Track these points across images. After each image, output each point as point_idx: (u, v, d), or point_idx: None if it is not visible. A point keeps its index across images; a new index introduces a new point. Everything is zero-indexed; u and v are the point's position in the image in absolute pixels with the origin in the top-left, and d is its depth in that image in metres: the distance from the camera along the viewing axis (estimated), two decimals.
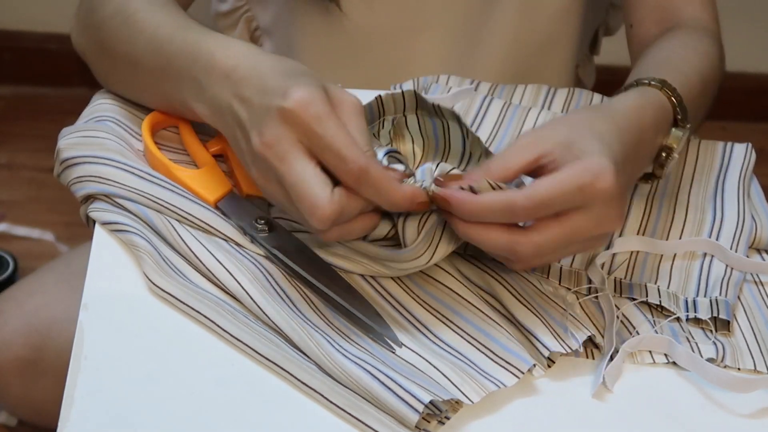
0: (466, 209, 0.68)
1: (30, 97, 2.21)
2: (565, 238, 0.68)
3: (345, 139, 0.67)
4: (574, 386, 0.70)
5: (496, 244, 0.69)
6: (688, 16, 0.98)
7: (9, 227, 1.90)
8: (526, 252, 0.68)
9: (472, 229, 0.69)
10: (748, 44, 2.27)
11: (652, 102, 0.80)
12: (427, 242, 0.71)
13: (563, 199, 0.68)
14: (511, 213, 0.67)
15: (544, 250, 0.69)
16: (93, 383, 0.65)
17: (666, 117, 0.81)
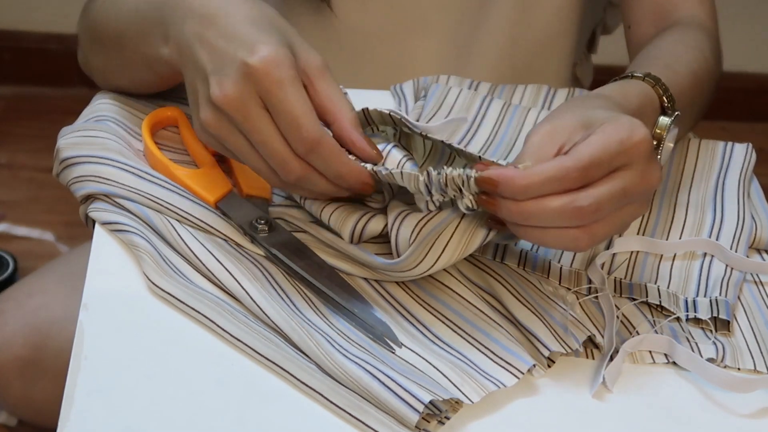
0: (518, 184, 0.67)
1: (30, 97, 2.21)
2: (620, 192, 0.68)
3: (303, 107, 0.68)
4: (574, 386, 0.70)
5: (555, 207, 0.67)
6: (684, 15, 0.98)
7: (9, 227, 1.90)
8: (588, 207, 0.67)
9: (528, 205, 0.67)
10: (748, 44, 2.27)
11: (634, 89, 0.80)
12: (424, 251, 0.71)
13: (610, 156, 0.67)
14: (564, 177, 0.66)
15: (604, 206, 0.67)
16: (93, 383, 0.65)
17: (651, 103, 0.80)
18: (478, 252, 0.79)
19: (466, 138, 0.90)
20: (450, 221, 0.70)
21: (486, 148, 0.90)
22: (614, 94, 0.77)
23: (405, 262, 0.71)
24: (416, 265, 0.71)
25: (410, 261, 0.71)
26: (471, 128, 0.91)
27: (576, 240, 0.69)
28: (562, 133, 0.70)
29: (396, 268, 0.71)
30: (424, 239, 0.70)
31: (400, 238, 0.71)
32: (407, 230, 0.71)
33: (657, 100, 0.81)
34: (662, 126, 0.80)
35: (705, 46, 0.93)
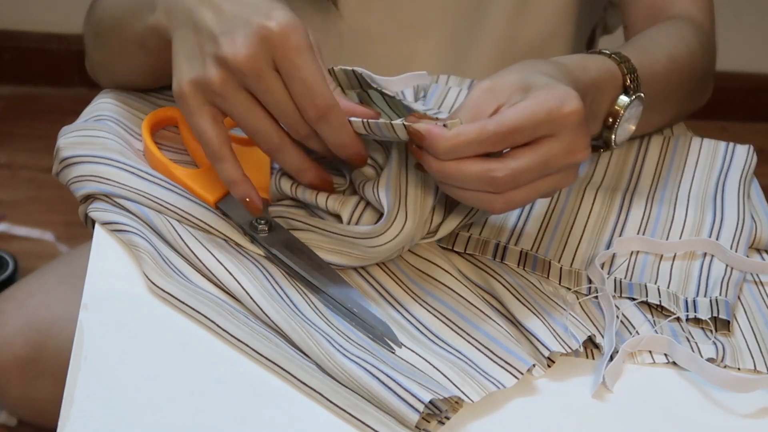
0: (440, 145, 0.67)
1: (30, 97, 2.21)
2: (539, 164, 0.68)
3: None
4: (574, 386, 0.70)
5: (471, 173, 0.68)
6: (678, 12, 0.98)
7: (9, 227, 1.90)
8: (503, 178, 0.67)
9: (447, 165, 0.68)
10: (748, 44, 2.27)
11: (595, 63, 0.80)
12: (395, 208, 0.72)
13: (534, 124, 0.67)
14: (485, 141, 0.67)
15: (521, 177, 0.68)
16: (93, 383, 0.65)
17: (612, 79, 0.80)
18: (478, 252, 0.79)
19: None
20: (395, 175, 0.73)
21: None
22: (571, 63, 0.77)
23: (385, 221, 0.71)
24: (389, 227, 0.71)
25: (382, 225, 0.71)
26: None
27: (492, 203, 0.69)
28: (502, 93, 0.70)
29: (374, 232, 0.72)
30: (390, 202, 0.71)
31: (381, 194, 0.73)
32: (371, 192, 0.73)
33: (620, 77, 0.81)
34: (621, 104, 0.80)
35: (690, 36, 0.93)
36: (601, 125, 0.82)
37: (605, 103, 0.80)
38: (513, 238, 0.80)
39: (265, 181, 0.80)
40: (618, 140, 0.82)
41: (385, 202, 0.72)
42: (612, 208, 0.85)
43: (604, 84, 0.79)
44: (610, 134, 0.81)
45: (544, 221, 0.82)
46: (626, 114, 0.81)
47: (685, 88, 0.92)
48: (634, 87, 0.81)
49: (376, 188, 0.72)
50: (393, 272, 0.76)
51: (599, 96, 0.79)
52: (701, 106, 1.00)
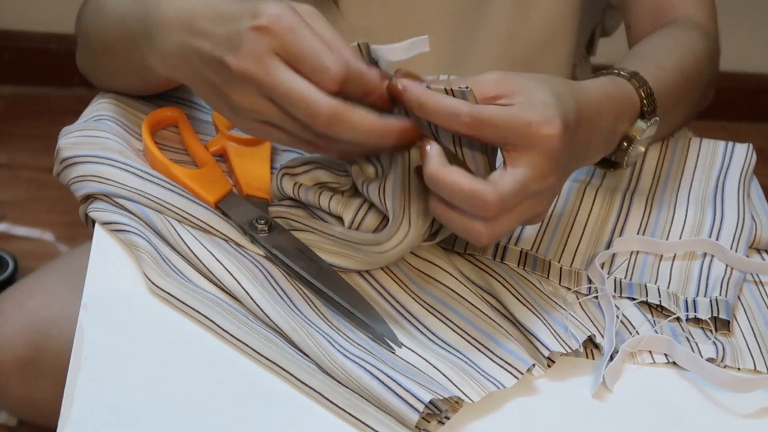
0: (415, 99, 0.67)
1: (30, 97, 2.21)
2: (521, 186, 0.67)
3: (320, 44, 0.67)
4: (574, 386, 0.70)
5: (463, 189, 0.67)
6: (682, 15, 0.98)
7: (9, 227, 1.90)
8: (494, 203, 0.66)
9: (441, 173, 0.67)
10: (748, 44, 2.27)
11: (617, 89, 0.79)
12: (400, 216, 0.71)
13: (507, 128, 0.67)
14: (454, 118, 0.67)
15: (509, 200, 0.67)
16: (93, 383, 0.65)
17: (631, 106, 0.80)
18: (478, 252, 0.79)
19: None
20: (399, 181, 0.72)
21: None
22: (593, 90, 0.76)
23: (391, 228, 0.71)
24: (393, 235, 0.71)
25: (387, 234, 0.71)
26: None
27: (478, 233, 0.68)
28: (508, 88, 0.70)
29: (378, 240, 0.72)
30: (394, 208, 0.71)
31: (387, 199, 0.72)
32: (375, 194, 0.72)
33: (638, 103, 0.81)
34: (638, 129, 0.80)
35: (697, 45, 0.93)
36: (615, 148, 0.81)
37: (622, 126, 0.80)
38: (513, 238, 0.80)
39: (266, 181, 0.80)
40: (629, 162, 0.82)
41: (391, 209, 0.72)
42: (612, 208, 0.85)
43: (624, 111, 0.79)
44: (623, 156, 0.81)
45: (544, 221, 0.82)
46: (642, 138, 0.81)
47: (691, 99, 0.92)
48: (650, 110, 0.81)
49: (383, 194, 0.72)
50: (393, 272, 0.76)
51: (619, 123, 0.79)
52: (703, 108, 1.00)
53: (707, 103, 1.00)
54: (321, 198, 0.75)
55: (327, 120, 0.67)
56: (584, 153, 0.76)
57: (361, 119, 0.67)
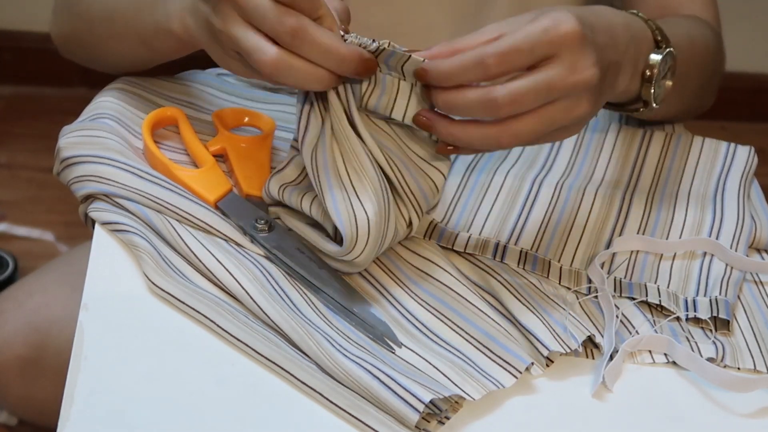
0: (442, 68, 0.68)
1: (30, 97, 2.21)
2: (541, 84, 0.67)
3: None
4: (574, 386, 0.70)
5: (472, 97, 0.68)
6: (688, 14, 0.98)
7: (9, 227, 1.90)
8: (503, 98, 0.67)
9: (450, 93, 0.68)
10: (748, 44, 2.27)
11: (623, 13, 0.78)
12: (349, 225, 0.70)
13: (530, 44, 0.67)
14: (483, 65, 0.67)
15: (522, 99, 0.67)
16: (93, 383, 0.65)
17: (640, 27, 0.79)
18: (478, 252, 0.79)
19: None
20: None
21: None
22: (599, 7, 0.76)
23: (344, 248, 0.71)
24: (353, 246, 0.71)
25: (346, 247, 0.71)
26: None
27: (497, 137, 0.69)
28: (506, 26, 0.70)
29: (340, 253, 0.71)
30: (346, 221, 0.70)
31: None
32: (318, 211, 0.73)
33: (647, 29, 0.80)
34: (654, 62, 0.79)
35: (706, 31, 0.93)
36: (640, 80, 0.79)
37: (640, 54, 0.78)
38: (513, 238, 0.80)
39: (266, 181, 0.80)
40: (658, 98, 0.81)
41: (338, 219, 0.71)
42: (612, 207, 0.85)
43: (637, 30, 0.78)
44: (649, 89, 0.79)
45: (544, 221, 0.82)
46: (662, 68, 0.79)
47: (702, 77, 0.92)
48: (665, 41, 0.80)
49: (326, 206, 0.71)
50: (393, 272, 0.76)
51: (633, 42, 0.77)
52: (706, 110, 1.00)
53: (710, 103, 1.00)
54: (303, 201, 0.75)
55: (292, 29, 0.67)
56: (613, 58, 0.74)
57: (326, 37, 0.68)
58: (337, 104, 0.71)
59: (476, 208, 0.83)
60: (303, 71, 0.68)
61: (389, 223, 0.72)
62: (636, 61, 0.78)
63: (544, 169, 0.88)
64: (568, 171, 0.88)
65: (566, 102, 0.69)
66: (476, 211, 0.82)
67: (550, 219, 0.83)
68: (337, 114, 0.71)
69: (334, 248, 0.72)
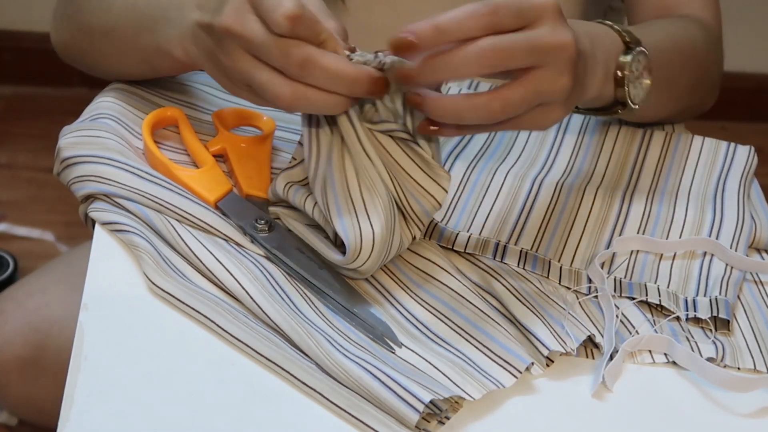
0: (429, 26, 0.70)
1: (30, 97, 2.21)
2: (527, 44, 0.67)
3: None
4: (573, 386, 0.70)
5: (460, 53, 0.68)
6: (686, 15, 0.98)
7: (9, 227, 1.90)
8: (491, 49, 0.67)
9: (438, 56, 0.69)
10: (748, 44, 2.27)
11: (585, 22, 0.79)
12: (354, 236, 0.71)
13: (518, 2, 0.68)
14: (473, 16, 0.68)
15: (509, 52, 0.67)
16: (93, 383, 0.65)
17: (605, 34, 0.79)
18: (478, 251, 0.79)
19: (462, 142, 0.90)
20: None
21: (485, 149, 0.90)
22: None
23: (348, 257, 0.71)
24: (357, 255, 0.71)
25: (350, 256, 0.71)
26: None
27: (488, 107, 0.68)
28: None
29: (345, 262, 0.71)
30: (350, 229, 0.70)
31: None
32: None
33: (614, 33, 0.80)
34: (624, 62, 0.79)
35: (694, 29, 0.93)
36: (613, 83, 0.80)
37: (609, 57, 0.79)
38: (513, 238, 0.80)
39: (266, 181, 0.80)
40: (637, 98, 0.81)
41: (342, 230, 0.71)
42: (612, 207, 0.85)
43: (601, 36, 0.78)
44: (624, 91, 0.80)
45: (544, 220, 0.82)
46: (634, 68, 0.80)
47: (691, 76, 0.91)
48: (634, 41, 0.80)
49: (331, 220, 0.72)
50: (392, 272, 0.76)
51: (599, 48, 0.78)
52: (707, 109, 1.00)
53: (710, 103, 1.00)
54: (306, 203, 0.75)
55: (299, 62, 0.67)
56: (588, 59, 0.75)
57: (333, 63, 0.68)
58: (347, 123, 0.71)
59: (476, 208, 0.83)
60: (318, 100, 0.69)
61: (394, 236, 0.72)
62: (606, 64, 0.78)
63: (544, 168, 0.88)
64: (568, 171, 0.88)
65: (550, 71, 0.69)
66: (476, 210, 0.82)
67: (550, 219, 0.83)
68: (347, 132, 0.71)
69: (338, 257, 0.72)
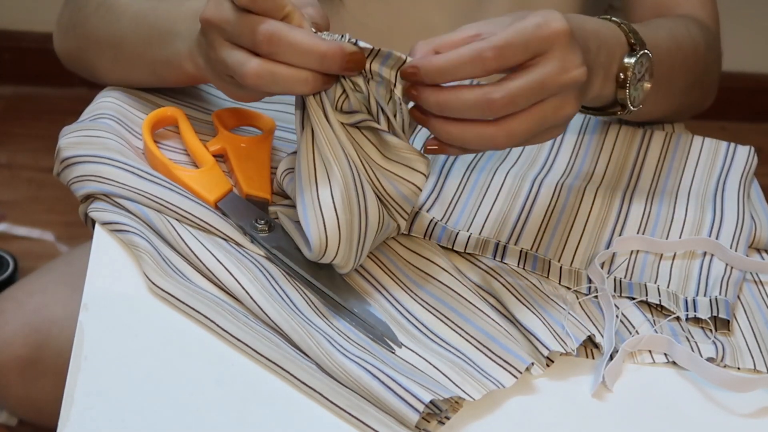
0: (435, 67, 0.67)
1: (30, 97, 2.21)
2: (535, 83, 0.68)
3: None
4: (574, 386, 0.70)
5: (468, 98, 0.67)
6: (684, 14, 0.98)
7: (9, 227, 1.90)
8: (500, 99, 0.67)
9: (445, 93, 0.68)
10: (748, 44, 2.27)
11: (594, 18, 0.79)
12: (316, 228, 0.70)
13: (524, 40, 0.67)
14: (479, 58, 0.67)
15: (518, 98, 0.67)
16: (93, 383, 0.65)
17: (614, 34, 0.79)
18: (478, 251, 0.79)
19: None
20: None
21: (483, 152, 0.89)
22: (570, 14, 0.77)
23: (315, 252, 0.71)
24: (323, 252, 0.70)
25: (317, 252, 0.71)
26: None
27: (493, 137, 0.69)
28: (485, 26, 0.71)
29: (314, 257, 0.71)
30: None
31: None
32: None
33: (622, 35, 0.80)
34: (627, 64, 0.80)
35: (695, 29, 0.93)
36: (614, 84, 0.80)
37: (612, 59, 0.79)
38: (513, 238, 0.80)
39: (266, 181, 0.80)
40: (636, 101, 0.81)
41: (305, 225, 0.71)
42: (612, 207, 0.85)
43: (608, 36, 0.79)
44: (625, 92, 0.80)
45: (544, 220, 0.82)
46: (637, 70, 0.80)
47: (689, 76, 0.92)
48: (639, 43, 0.80)
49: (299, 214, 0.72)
50: (393, 272, 0.76)
51: (604, 48, 0.78)
52: (704, 108, 1.00)
53: (708, 102, 1.00)
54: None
55: (265, 37, 0.67)
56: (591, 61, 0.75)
57: (301, 37, 0.68)
58: (316, 108, 0.70)
59: (476, 208, 0.83)
60: (286, 76, 0.68)
61: (369, 223, 0.72)
62: (609, 66, 0.79)
63: (544, 169, 0.88)
64: (568, 171, 0.88)
65: (556, 100, 0.69)
66: (476, 210, 0.82)
67: (550, 219, 0.83)
68: (316, 118, 0.71)
69: (308, 252, 0.72)
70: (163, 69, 0.81)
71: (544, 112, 0.69)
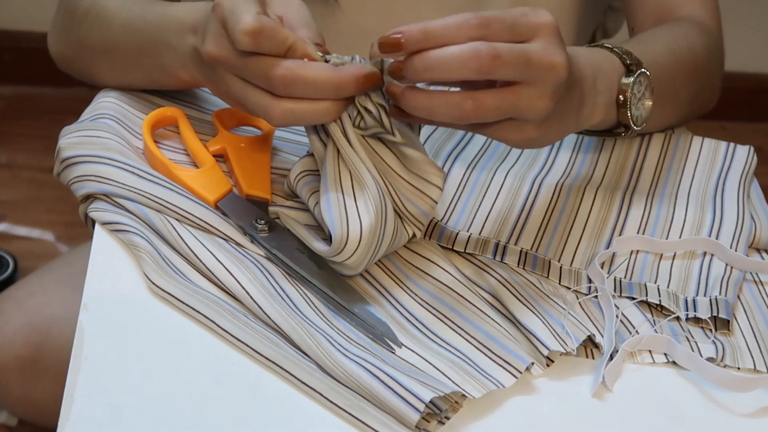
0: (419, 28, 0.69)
1: (30, 97, 2.21)
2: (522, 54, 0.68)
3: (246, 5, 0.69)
4: (574, 386, 0.70)
5: (455, 50, 0.67)
6: (685, 15, 0.98)
7: (9, 227, 1.91)
8: (487, 55, 0.67)
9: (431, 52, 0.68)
10: (748, 44, 2.27)
11: (585, 48, 0.80)
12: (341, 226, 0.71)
13: (512, 20, 0.68)
14: (466, 24, 0.67)
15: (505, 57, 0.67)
16: (93, 383, 0.65)
17: (607, 60, 0.80)
18: (478, 251, 0.79)
19: (462, 142, 0.90)
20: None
21: (485, 149, 0.90)
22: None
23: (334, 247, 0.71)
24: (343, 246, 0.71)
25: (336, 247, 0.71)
26: (467, 133, 0.91)
27: (460, 106, 0.68)
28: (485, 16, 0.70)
29: (331, 252, 0.72)
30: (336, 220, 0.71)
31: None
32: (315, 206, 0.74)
33: (616, 58, 0.81)
34: (626, 85, 0.80)
35: (692, 35, 0.93)
36: (615, 107, 0.81)
37: (611, 83, 0.80)
38: (513, 238, 0.80)
39: (266, 181, 0.80)
40: (639, 120, 0.82)
41: (329, 221, 0.71)
42: (612, 207, 0.85)
43: (602, 62, 0.79)
44: (626, 114, 0.81)
45: (544, 220, 0.82)
46: (636, 90, 0.81)
47: (692, 86, 0.92)
48: (635, 63, 0.81)
49: (319, 210, 0.73)
50: (392, 271, 0.76)
51: (601, 74, 0.79)
52: (710, 109, 1.00)
53: (713, 104, 1.00)
54: (311, 199, 0.75)
55: (280, 80, 0.69)
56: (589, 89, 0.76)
57: (314, 72, 0.69)
58: (337, 129, 0.72)
59: (476, 208, 0.83)
60: (308, 112, 0.70)
61: (385, 234, 0.72)
62: (609, 91, 0.80)
63: (544, 169, 0.88)
64: (568, 171, 0.88)
65: (532, 90, 0.69)
66: (476, 210, 0.82)
67: (550, 219, 0.83)
68: (337, 137, 0.72)
69: (323, 248, 0.72)
70: (159, 76, 0.82)
71: (518, 95, 0.69)
